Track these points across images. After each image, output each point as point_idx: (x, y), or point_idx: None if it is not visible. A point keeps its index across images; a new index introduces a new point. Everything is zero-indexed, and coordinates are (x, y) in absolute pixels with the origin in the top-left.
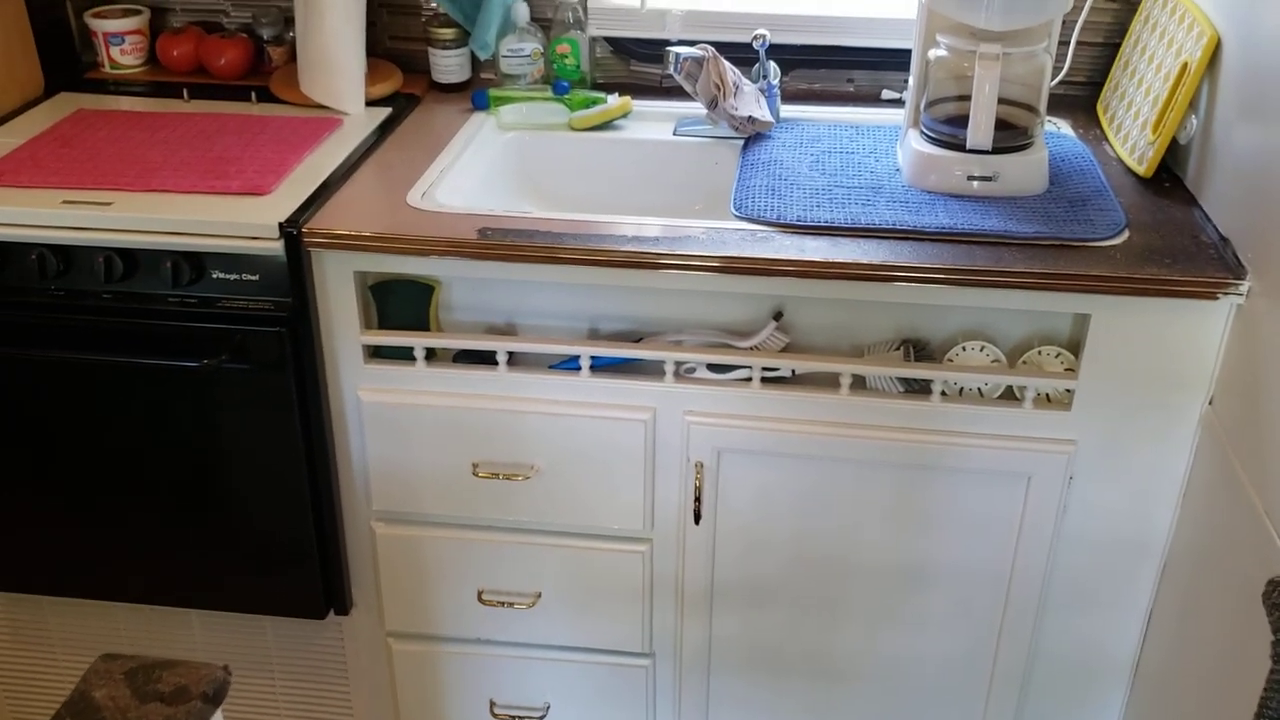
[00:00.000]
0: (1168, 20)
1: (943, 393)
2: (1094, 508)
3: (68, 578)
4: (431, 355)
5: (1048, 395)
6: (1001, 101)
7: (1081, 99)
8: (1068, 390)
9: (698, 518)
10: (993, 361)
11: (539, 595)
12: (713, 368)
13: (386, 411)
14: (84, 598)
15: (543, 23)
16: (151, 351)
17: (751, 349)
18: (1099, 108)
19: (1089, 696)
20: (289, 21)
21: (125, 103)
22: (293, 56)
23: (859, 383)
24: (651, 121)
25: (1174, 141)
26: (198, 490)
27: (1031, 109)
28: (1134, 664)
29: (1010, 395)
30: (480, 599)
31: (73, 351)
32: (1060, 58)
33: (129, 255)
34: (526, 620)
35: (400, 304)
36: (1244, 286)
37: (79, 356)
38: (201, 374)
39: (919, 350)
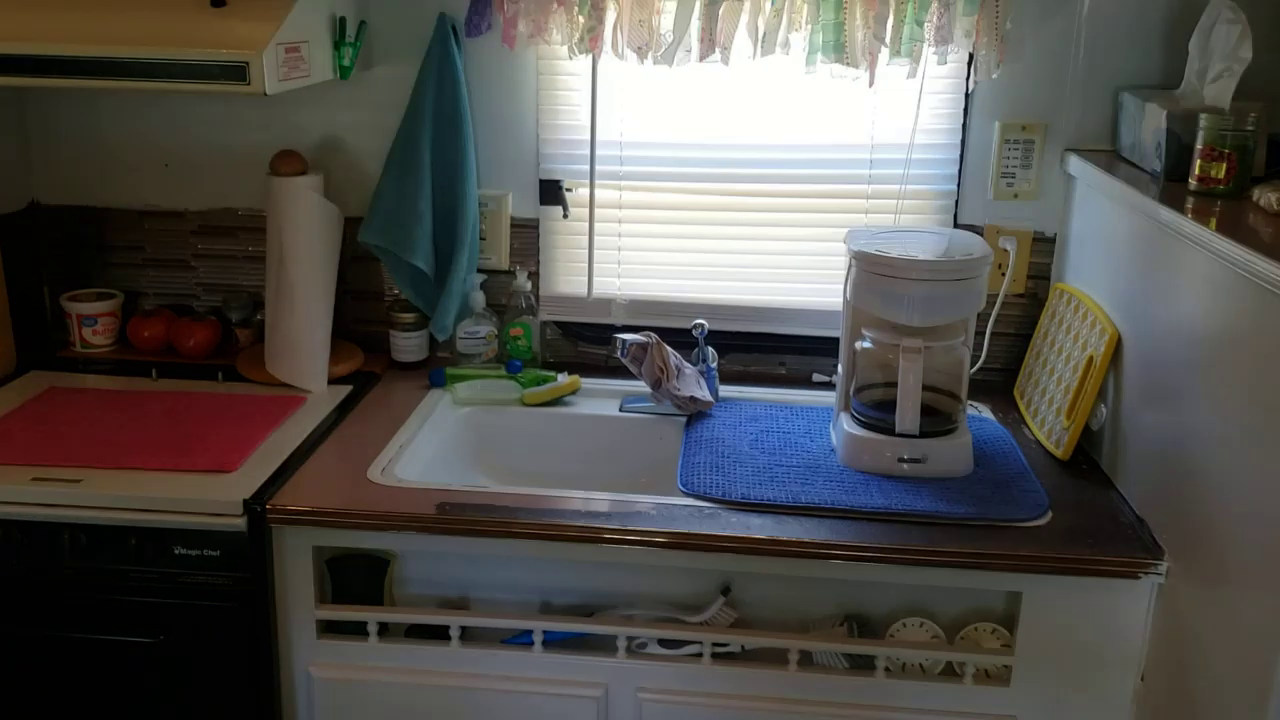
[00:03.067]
0: (1072, 317)
1: (886, 668)
2: None
3: None
4: (384, 630)
5: (986, 671)
6: (925, 389)
7: (998, 384)
8: (1005, 666)
9: None
10: (932, 637)
11: None
12: (664, 643)
13: (337, 688)
14: None
15: (497, 308)
16: (108, 627)
17: (701, 624)
18: (1015, 393)
19: None
20: (257, 305)
21: (95, 380)
22: (259, 337)
23: (806, 658)
24: (599, 398)
25: (1087, 427)
26: None
27: (954, 395)
28: None
29: (951, 670)
30: None
31: (30, 626)
32: (977, 347)
33: (95, 531)
34: None
35: (355, 577)
36: (1162, 566)
37: (36, 632)
38: (156, 650)
39: (862, 626)
